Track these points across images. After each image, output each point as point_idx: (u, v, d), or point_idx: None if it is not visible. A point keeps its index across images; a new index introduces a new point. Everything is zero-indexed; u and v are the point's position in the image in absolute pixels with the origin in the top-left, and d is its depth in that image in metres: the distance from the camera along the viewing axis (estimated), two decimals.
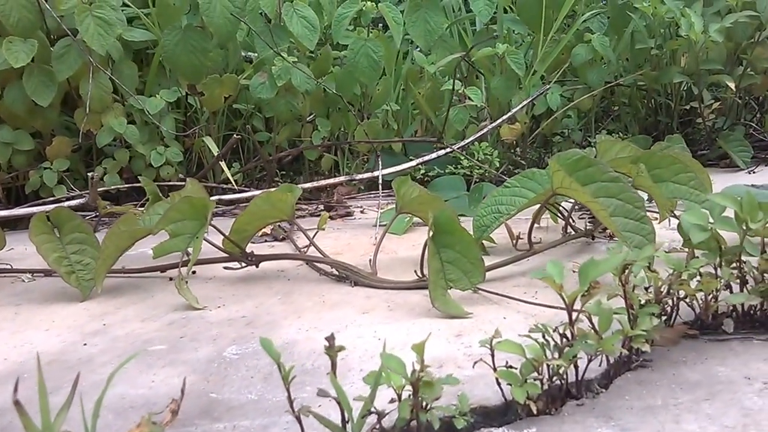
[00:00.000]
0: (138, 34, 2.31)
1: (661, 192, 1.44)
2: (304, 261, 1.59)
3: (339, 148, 2.72)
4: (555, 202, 1.65)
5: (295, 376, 0.94)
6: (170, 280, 1.52)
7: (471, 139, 2.46)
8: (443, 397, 0.82)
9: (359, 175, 2.37)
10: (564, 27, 2.90)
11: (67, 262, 1.43)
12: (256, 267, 1.54)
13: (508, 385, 0.83)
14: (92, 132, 2.24)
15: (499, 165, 2.54)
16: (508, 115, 2.54)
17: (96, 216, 2.11)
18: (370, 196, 2.56)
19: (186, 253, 1.39)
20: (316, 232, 1.62)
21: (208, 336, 1.16)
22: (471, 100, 2.52)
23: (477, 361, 0.88)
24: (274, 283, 1.47)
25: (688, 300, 1.06)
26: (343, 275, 1.46)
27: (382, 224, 1.94)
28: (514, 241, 1.59)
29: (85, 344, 1.16)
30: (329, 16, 2.54)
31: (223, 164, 2.36)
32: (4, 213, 2.00)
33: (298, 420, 0.75)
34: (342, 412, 0.74)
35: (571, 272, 1.38)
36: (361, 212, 2.30)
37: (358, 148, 2.70)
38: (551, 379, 0.85)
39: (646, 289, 1.00)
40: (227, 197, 2.22)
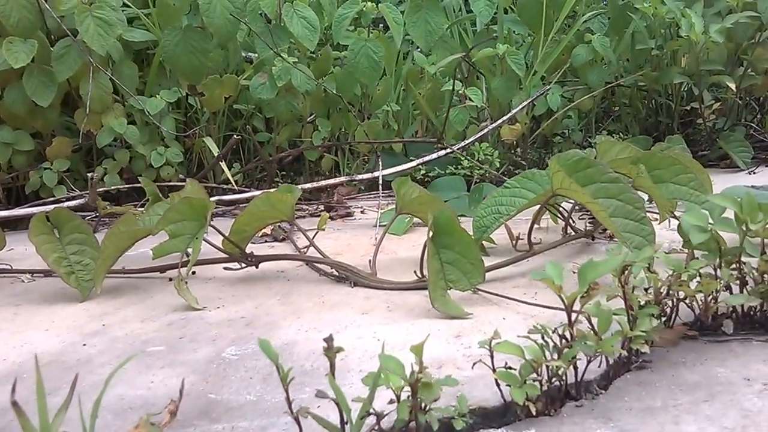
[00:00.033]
0: (138, 35, 2.31)
1: (661, 193, 1.44)
2: (304, 261, 1.59)
3: (339, 149, 2.72)
4: (555, 203, 1.65)
5: (294, 378, 0.94)
6: (170, 280, 1.52)
7: (471, 139, 2.46)
8: (442, 398, 0.82)
9: (359, 176, 2.37)
10: (564, 27, 2.90)
11: (67, 262, 1.43)
12: (256, 267, 1.54)
13: (507, 386, 0.83)
14: (92, 132, 2.24)
15: (499, 165, 2.54)
16: (509, 115, 2.54)
17: (96, 216, 2.11)
18: (371, 196, 2.56)
19: (185, 254, 1.39)
20: (316, 233, 1.62)
21: (208, 337, 1.16)
22: (471, 100, 2.52)
23: (476, 362, 0.88)
24: (273, 284, 1.47)
25: (687, 301, 1.06)
26: (343, 276, 1.46)
27: (382, 225, 1.94)
28: (513, 242, 1.59)
29: (84, 345, 1.16)
30: (329, 17, 2.54)
31: (223, 165, 2.36)
32: (4, 213, 2.00)
33: (297, 421, 0.74)
34: (341, 414, 0.74)
35: (571, 273, 1.37)
36: (362, 212, 2.30)
37: (359, 149, 2.70)
38: (550, 380, 0.85)
39: (646, 290, 1.00)
40: (227, 198, 2.22)
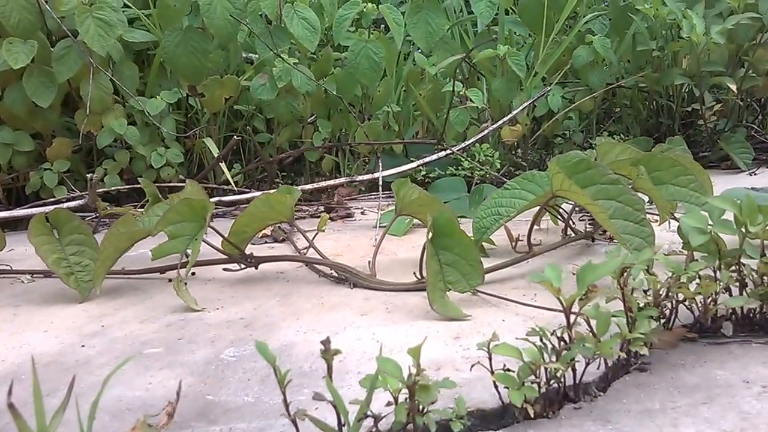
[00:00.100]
0: (139, 35, 2.31)
1: (661, 194, 1.43)
2: (304, 262, 1.59)
3: (340, 150, 2.71)
4: (555, 204, 1.65)
5: (292, 379, 0.94)
6: (169, 281, 1.52)
7: (472, 140, 2.46)
8: (440, 400, 0.82)
9: (360, 177, 2.37)
10: (565, 28, 2.90)
11: (66, 263, 1.43)
12: (256, 268, 1.54)
13: (506, 388, 0.82)
14: (93, 133, 2.24)
15: (500, 166, 2.54)
16: (509, 116, 2.54)
17: (96, 217, 2.11)
18: (371, 197, 2.56)
19: (185, 255, 1.39)
20: (316, 234, 1.62)
21: (206, 338, 1.16)
22: (472, 101, 2.52)
23: (474, 364, 0.87)
24: (273, 285, 1.47)
25: (687, 303, 1.06)
26: (343, 277, 1.46)
27: (382, 225, 1.94)
28: (513, 243, 1.59)
29: (83, 346, 1.16)
30: (330, 18, 2.54)
31: (223, 165, 2.36)
32: (4, 214, 2.00)
33: (294, 423, 0.74)
34: (338, 416, 0.74)
35: (571, 275, 1.37)
36: (362, 213, 2.30)
37: (359, 150, 2.70)
38: (549, 382, 0.85)
39: (645, 292, 1.00)
40: (228, 198, 2.22)
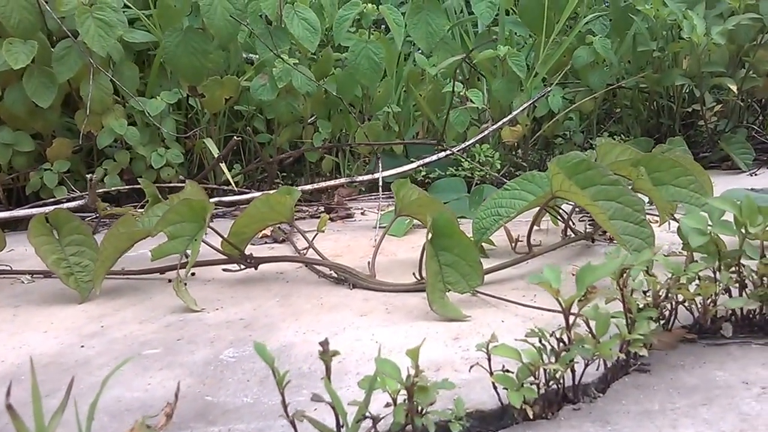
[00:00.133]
0: (139, 36, 2.32)
1: (661, 195, 1.43)
2: (303, 263, 1.59)
3: (340, 150, 2.71)
4: (555, 205, 1.65)
5: (290, 380, 0.93)
6: (169, 281, 1.52)
7: (472, 141, 2.46)
8: (439, 401, 0.82)
9: (360, 177, 2.37)
10: (566, 29, 2.90)
11: (66, 263, 1.43)
12: (255, 269, 1.54)
13: (505, 389, 0.82)
14: (93, 133, 2.24)
15: (500, 167, 2.54)
16: (510, 117, 2.54)
17: (96, 217, 2.11)
18: (371, 197, 2.56)
19: (185, 255, 1.39)
20: (316, 235, 1.62)
21: (206, 338, 1.16)
22: (472, 102, 2.52)
23: (473, 365, 0.87)
24: (272, 285, 1.47)
25: (686, 304, 1.06)
26: (342, 277, 1.46)
27: (382, 226, 1.93)
28: (513, 244, 1.59)
29: (82, 346, 1.16)
30: (330, 18, 2.54)
31: (223, 166, 2.36)
32: (4, 214, 2.00)
33: (293, 424, 0.74)
34: (336, 417, 0.74)
35: (570, 275, 1.37)
36: (362, 214, 2.29)
37: (359, 150, 2.69)
38: (548, 383, 0.85)
39: (645, 293, 1.00)
40: (228, 199, 2.22)
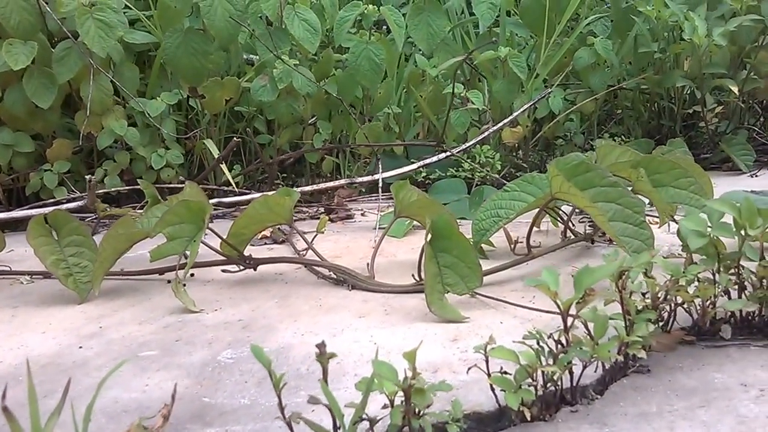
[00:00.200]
0: (139, 37, 2.31)
1: (661, 197, 1.43)
2: (302, 264, 1.59)
3: (340, 151, 2.71)
4: (555, 206, 1.65)
5: (288, 382, 0.93)
6: (168, 282, 1.51)
7: (472, 142, 2.46)
8: (437, 402, 0.82)
9: (360, 178, 2.37)
10: (567, 30, 2.89)
11: (65, 264, 1.43)
12: (254, 270, 1.53)
13: (502, 391, 0.82)
14: (93, 134, 2.24)
15: (500, 168, 2.54)
16: (510, 118, 2.53)
17: (95, 218, 2.11)
18: (371, 198, 2.55)
19: (184, 256, 1.39)
20: (315, 236, 1.62)
21: (204, 339, 1.16)
22: (473, 103, 2.52)
23: (471, 367, 0.87)
24: (271, 287, 1.46)
25: (685, 306, 1.05)
26: (341, 279, 1.46)
27: (381, 227, 1.93)
28: (512, 245, 1.59)
29: (80, 347, 1.15)
30: (331, 19, 2.54)
31: (223, 167, 2.36)
32: (3, 215, 2.00)
33: (289, 426, 0.74)
34: (333, 419, 0.73)
35: (570, 277, 1.37)
36: (362, 215, 2.29)
37: (360, 151, 2.69)
38: (545, 385, 0.85)
39: (644, 295, 0.99)
40: (228, 200, 2.22)
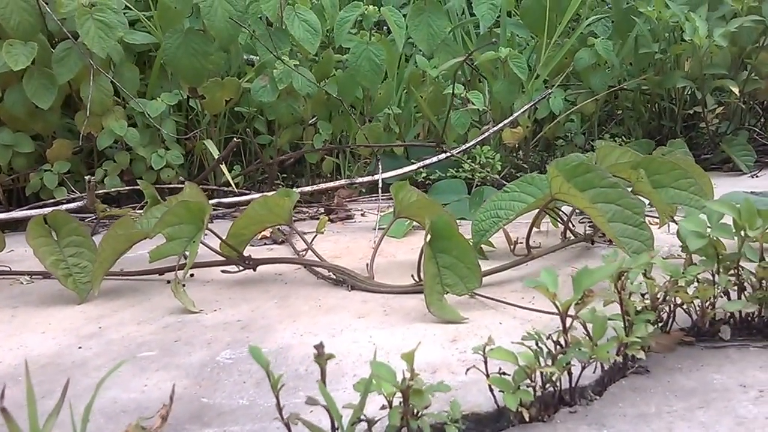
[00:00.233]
0: (139, 37, 2.31)
1: (661, 197, 1.43)
2: (302, 265, 1.59)
3: (341, 151, 2.71)
4: (555, 207, 1.64)
5: (286, 383, 0.93)
6: (168, 283, 1.51)
7: (473, 142, 2.46)
8: (436, 403, 0.82)
9: (360, 179, 2.37)
10: (568, 31, 2.89)
11: (65, 265, 1.43)
12: (254, 270, 1.53)
13: (501, 391, 0.82)
14: (93, 134, 2.24)
15: (500, 168, 2.53)
16: (511, 118, 2.53)
17: (95, 219, 2.11)
18: (372, 199, 2.55)
19: (183, 257, 1.39)
20: (315, 236, 1.62)
21: (203, 340, 1.16)
22: (473, 103, 2.52)
23: (470, 368, 0.87)
24: (271, 287, 1.46)
25: (685, 307, 1.05)
26: (341, 279, 1.46)
27: (381, 227, 1.93)
28: (512, 246, 1.59)
29: (80, 347, 1.16)
30: (331, 20, 2.54)
31: (223, 167, 2.36)
32: (3, 216, 2.00)
33: (287, 427, 0.74)
34: (332, 420, 0.73)
35: (569, 277, 1.36)
36: (362, 215, 2.29)
37: (360, 152, 2.69)
38: (544, 386, 0.85)
39: (643, 296, 0.99)
40: (228, 200, 2.22)
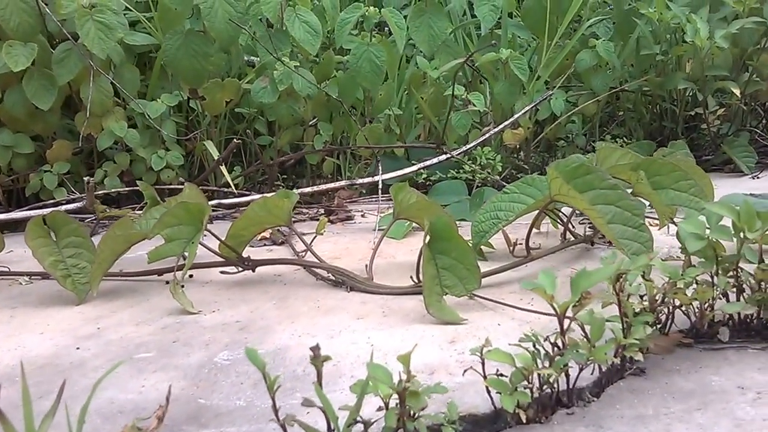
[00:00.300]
0: (140, 38, 2.31)
1: (661, 199, 1.43)
2: (301, 266, 1.59)
3: (341, 152, 2.71)
4: (555, 208, 1.64)
5: (284, 384, 0.93)
6: (167, 283, 1.52)
7: (473, 143, 2.45)
8: (433, 404, 0.82)
9: (360, 180, 2.37)
10: (569, 32, 2.89)
11: (63, 265, 1.43)
12: (253, 271, 1.53)
13: (498, 393, 0.82)
14: (93, 135, 2.25)
15: (501, 170, 2.53)
16: (512, 120, 2.53)
17: (94, 219, 2.11)
18: (372, 200, 2.55)
19: (182, 258, 1.39)
20: (314, 237, 1.62)
21: (201, 341, 1.16)
22: (474, 105, 2.51)
23: (467, 369, 0.87)
24: (270, 288, 1.46)
25: (683, 308, 1.05)
26: (340, 280, 1.45)
27: (381, 228, 1.93)
28: (511, 247, 1.58)
29: (78, 348, 1.15)
30: (332, 21, 2.54)
31: (223, 168, 2.36)
32: (3, 216, 2.00)
33: (283, 428, 0.74)
34: (328, 422, 0.73)
35: (569, 279, 1.36)
36: (362, 216, 2.29)
37: (360, 153, 2.69)
38: (541, 387, 0.85)
39: (642, 297, 0.99)
40: (228, 201, 2.21)
